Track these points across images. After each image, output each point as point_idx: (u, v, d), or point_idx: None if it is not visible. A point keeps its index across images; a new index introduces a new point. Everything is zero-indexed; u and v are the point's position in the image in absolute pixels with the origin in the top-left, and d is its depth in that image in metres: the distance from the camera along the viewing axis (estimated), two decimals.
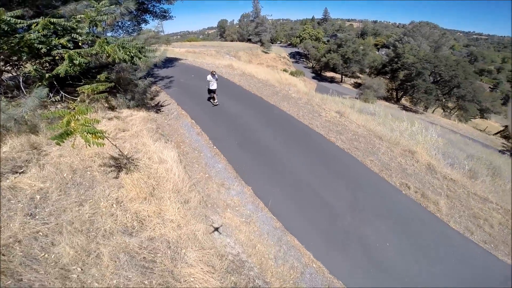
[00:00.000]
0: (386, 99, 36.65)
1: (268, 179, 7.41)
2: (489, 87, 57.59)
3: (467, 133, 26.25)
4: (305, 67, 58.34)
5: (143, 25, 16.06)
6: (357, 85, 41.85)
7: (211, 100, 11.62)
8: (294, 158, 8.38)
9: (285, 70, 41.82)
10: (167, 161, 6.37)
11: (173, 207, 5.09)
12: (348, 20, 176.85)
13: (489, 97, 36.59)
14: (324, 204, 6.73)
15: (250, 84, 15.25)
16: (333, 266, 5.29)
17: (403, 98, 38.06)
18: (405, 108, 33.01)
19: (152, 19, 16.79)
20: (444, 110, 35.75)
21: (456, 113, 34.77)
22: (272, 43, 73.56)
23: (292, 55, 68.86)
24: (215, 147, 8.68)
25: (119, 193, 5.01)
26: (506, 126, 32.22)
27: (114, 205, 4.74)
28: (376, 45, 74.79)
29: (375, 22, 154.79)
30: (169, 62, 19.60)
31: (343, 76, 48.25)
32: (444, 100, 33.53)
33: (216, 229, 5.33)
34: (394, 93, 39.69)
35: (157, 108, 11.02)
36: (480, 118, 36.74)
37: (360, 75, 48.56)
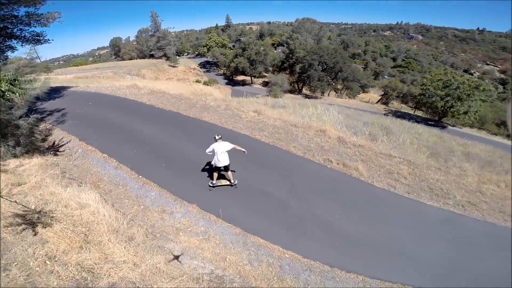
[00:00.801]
0: (291, 91, 41.31)
1: (211, 190, 7.23)
2: (362, 67, 72.75)
3: (357, 106, 32.43)
4: (217, 74, 59.36)
5: (9, 53, 13.10)
6: (265, 84, 45.49)
7: (220, 182, 7.36)
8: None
9: (198, 81, 41.44)
10: (89, 205, 5.40)
11: (119, 248, 4.41)
12: (248, 24, 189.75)
13: (364, 75, 46.41)
14: (269, 198, 7.07)
15: (163, 101, 14.41)
16: (303, 250, 5.65)
17: (303, 88, 43.65)
18: (307, 96, 38.05)
19: (22, 45, 13.65)
20: (336, 92, 43.15)
21: (345, 92, 42.56)
22: (178, 55, 71.53)
23: (202, 65, 68.78)
24: (140, 176, 7.82)
25: (46, 248, 4.06)
26: (383, 95, 41.52)
27: (47, 261, 3.84)
28: (273, 44, 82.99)
29: (269, 23, 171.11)
30: (55, 92, 16.36)
31: (252, 78, 51.53)
32: (334, 84, 40.40)
33: (177, 257, 4.87)
34: (296, 85, 45.09)
35: (55, 149, 9.09)
36: (363, 92, 46.16)
37: (266, 74, 52.95)
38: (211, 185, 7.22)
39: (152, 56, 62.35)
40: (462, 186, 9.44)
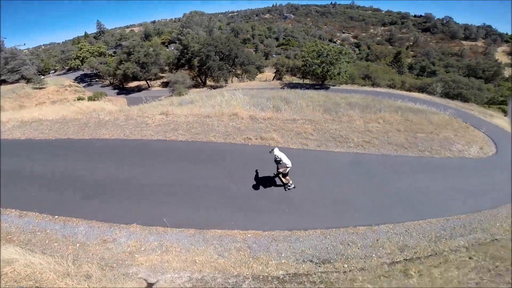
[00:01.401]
0: (195, 86, 40.56)
1: (145, 203, 6.67)
2: (253, 50, 77.87)
3: (258, 86, 35.02)
4: (102, 86, 51.17)
5: None
6: (166, 84, 42.78)
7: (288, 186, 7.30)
8: (148, 172, 7.83)
9: (80, 98, 34.84)
10: (16, 259, 4.43)
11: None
12: (127, 27, 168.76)
13: (257, 57, 49.98)
14: (210, 189, 7.13)
15: (43, 131, 11.63)
16: (260, 226, 6.02)
17: (207, 80, 43.63)
18: (212, 87, 38.32)
19: None
20: (237, 77, 45.17)
21: (245, 76, 45.09)
22: (43, 75, 57.35)
23: (80, 79, 57.58)
24: (56, 216, 6.41)
25: None
26: (276, 71, 46.09)
27: None
28: (163, 43, 77.63)
29: (154, 22, 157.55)
30: None
31: (148, 82, 47.32)
32: (234, 70, 42.09)
33: (147, 281, 4.55)
34: (199, 79, 44.51)
35: None
36: (260, 73, 49.94)
37: (163, 74, 49.67)
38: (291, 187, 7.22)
39: (4, 81, 47.87)
40: (354, 129, 11.98)
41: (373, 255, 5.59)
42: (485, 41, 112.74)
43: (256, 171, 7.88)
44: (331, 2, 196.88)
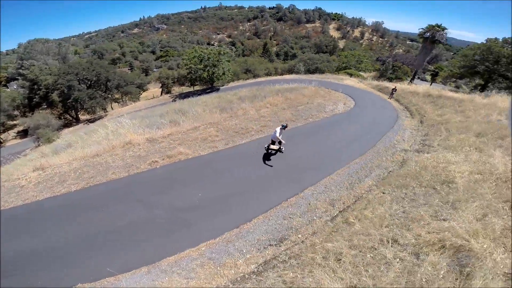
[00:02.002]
0: (67, 125, 33.26)
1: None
2: (128, 69, 70.80)
3: (147, 106, 32.55)
4: None
5: None
6: (24, 134, 33.06)
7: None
8: (51, 238, 6.17)
9: None
10: None
11: None
12: None
13: (135, 76, 45.68)
14: (132, 227, 6.21)
15: None
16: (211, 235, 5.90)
17: (79, 114, 36.53)
18: (89, 121, 32.65)
19: None
20: (118, 102, 40.01)
21: (127, 98, 40.71)
22: None
23: None
24: None
25: None
26: (162, 86, 43.61)
27: None
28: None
29: None
30: None
31: None
32: (110, 95, 36.88)
33: None
34: (68, 116, 36.75)
35: None
36: (144, 91, 46.08)
37: (15, 122, 38.13)
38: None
39: None
40: (250, 119, 13.16)
41: (315, 218, 6.50)
42: (320, 21, 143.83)
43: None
44: (201, 7, 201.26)
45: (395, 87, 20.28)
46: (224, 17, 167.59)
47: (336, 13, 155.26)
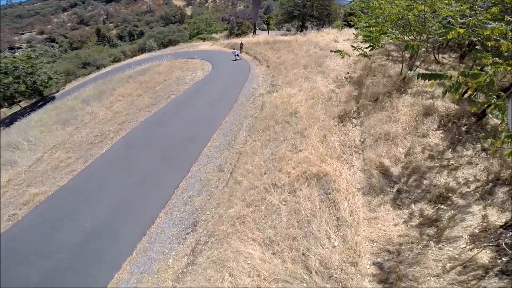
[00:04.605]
0: None
1: None
2: None
3: None
4: None
5: None
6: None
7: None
8: None
9: None
10: None
11: None
12: None
13: None
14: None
15: None
16: None
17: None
18: None
19: None
20: None
21: None
22: None
23: None
24: None
25: None
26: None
27: None
28: None
29: None
30: None
31: None
32: None
33: None
34: None
35: None
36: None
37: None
38: None
39: None
40: (103, 121, 11.22)
41: (212, 190, 6.60)
42: None
43: None
44: None
45: (241, 42, 21.75)
46: (22, 14, 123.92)
47: None
